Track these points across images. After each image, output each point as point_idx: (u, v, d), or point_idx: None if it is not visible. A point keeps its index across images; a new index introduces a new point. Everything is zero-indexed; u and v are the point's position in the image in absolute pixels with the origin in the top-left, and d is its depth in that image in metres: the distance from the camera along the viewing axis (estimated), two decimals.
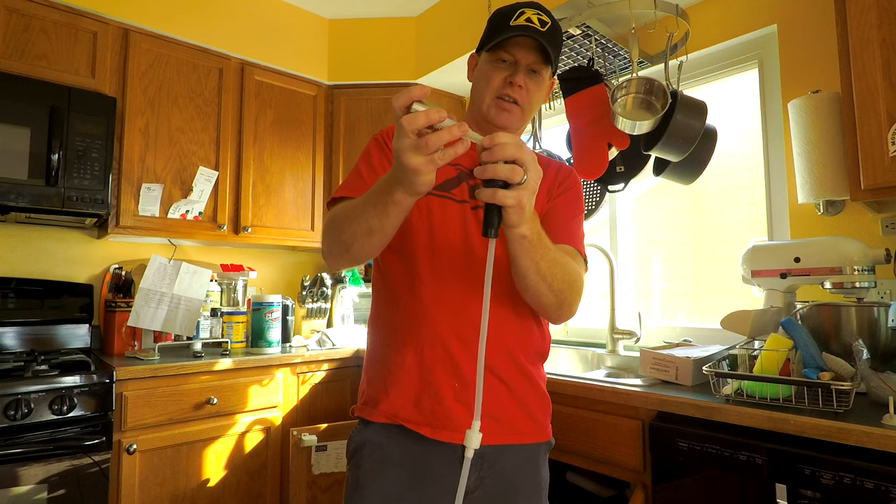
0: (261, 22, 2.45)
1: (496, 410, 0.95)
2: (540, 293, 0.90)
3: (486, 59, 1.03)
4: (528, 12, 0.99)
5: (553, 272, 0.88)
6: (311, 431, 1.96)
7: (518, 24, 0.97)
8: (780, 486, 1.03)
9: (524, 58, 1.00)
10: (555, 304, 0.93)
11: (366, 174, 1.01)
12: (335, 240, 0.91)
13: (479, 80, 1.05)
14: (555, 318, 1.00)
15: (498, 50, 1.00)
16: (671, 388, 1.32)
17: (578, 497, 1.55)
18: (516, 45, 0.99)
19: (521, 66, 1.00)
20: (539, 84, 1.03)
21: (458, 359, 0.94)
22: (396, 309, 0.99)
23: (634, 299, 2.19)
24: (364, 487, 0.95)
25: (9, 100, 1.74)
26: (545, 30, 0.98)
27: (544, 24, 0.98)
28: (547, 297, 0.91)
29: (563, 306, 0.95)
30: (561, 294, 0.92)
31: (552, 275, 0.88)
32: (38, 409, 1.54)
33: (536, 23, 0.97)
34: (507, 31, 0.98)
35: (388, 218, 0.82)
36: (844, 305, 1.28)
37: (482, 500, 0.96)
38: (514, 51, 1.00)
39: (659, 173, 1.85)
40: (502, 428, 0.96)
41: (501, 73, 1.01)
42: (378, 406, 0.96)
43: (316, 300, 2.55)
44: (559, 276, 0.89)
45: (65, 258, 2.19)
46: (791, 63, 1.70)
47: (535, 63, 1.00)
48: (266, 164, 2.42)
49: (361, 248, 0.88)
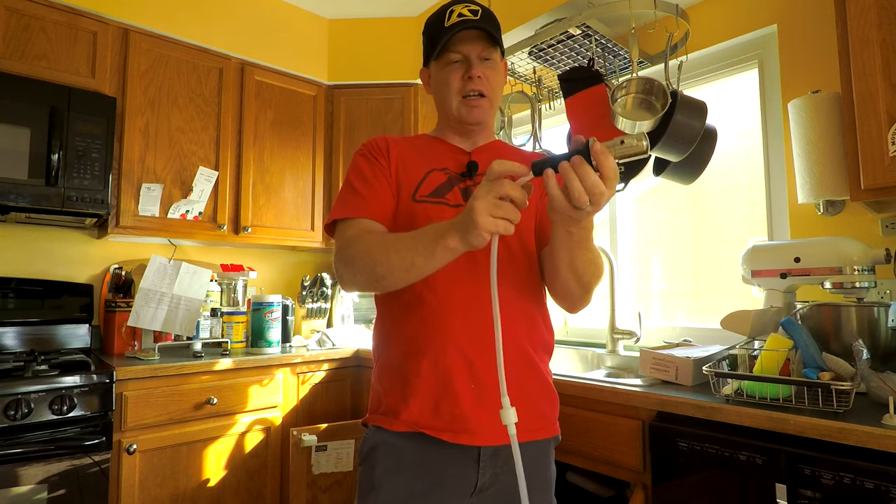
0: (261, 22, 2.45)
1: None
2: (569, 283, 0.97)
3: (437, 66, 1.08)
4: (456, 8, 1.04)
5: (585, 267, 0.93)
6: (311, 431, 1.96)
7: (453, 22, 1.02)
8: (780, 487, 1.03)
9: (471, 50, 1.04)
10: (579, 294, 1.00)
11: (363, 190, 1.02)
12: (364, 270, 0.91)
13: (439, 88, 1.09)
14: (576, 305, 1.04)
15: (445, 53, 1.05)
16: (671, 388, 1.32)
17: (578, 497, 1.55)
18: (460, 42, 1.04)
19: (473, 58, 1.04)
20: (495, 68, 1.07)
21: (473, 360, 0.95)
22: (406, 318, 1.00)
23: (634, 299, 2.19)
24: (380, 488, 0.95)
25: (9, 100, 1.74)
26: (478, 17, 1.03)
27: (475, 12, 1.04)
28: (574, 288, 0.98)
29: (585, 297, 1.01)
30: (588, 286, 0.98)
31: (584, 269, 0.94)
32: (38, 409, 1.54)
33: (468, 14, 1.03)
34: (445, 32, 1.02)
35: (432, 259, 0.84)
36: (844, 305, 1.28)
37: (497, 496, 0.98)
38: (459, 48, 1.04)
39: (659, 173, 1.85)
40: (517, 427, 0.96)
41: (457, 73, 1.05)
42: (399, 416, 0.97)
43: (316, 300, 2.55)
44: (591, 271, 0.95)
45: (65, 258, 2.19)
46: (791, 63, 1.70)
47: (483, 50, 1.05)
48: (266, 163, 2.42)
49: (394, 281, 0.89)
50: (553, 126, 2.49)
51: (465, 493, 0.96)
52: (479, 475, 0.96)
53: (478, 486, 0.96)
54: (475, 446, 0.95)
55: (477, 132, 1.11)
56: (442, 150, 1.10)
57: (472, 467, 0.95)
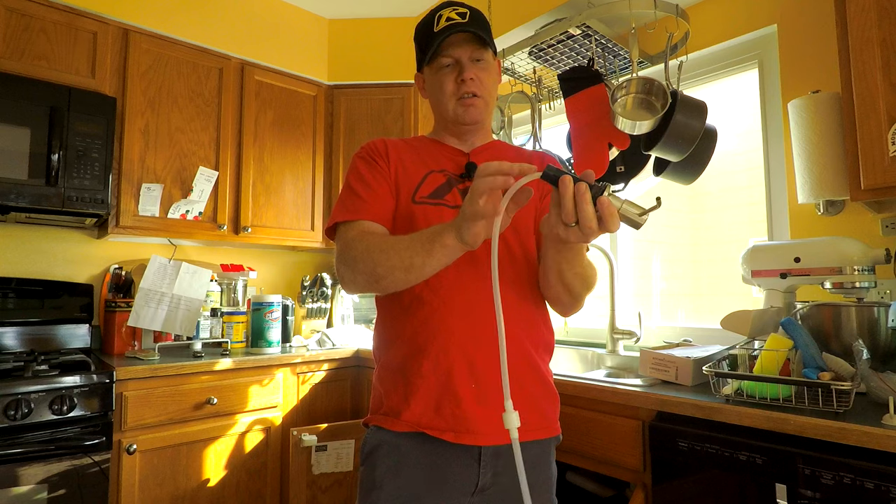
0: (261, 22, 2.45)
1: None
2: (560, 292, 0.99)
3: (431, 71, 1.09)
4: (444, 13, 1.05)
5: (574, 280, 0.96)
6: (311, 431, 1.96)
7: (441, 27, 1.03)
8: (780, 486, 1.03)
9: (463, 53, 1.05)
10: (569, 303, 1.02)
11: (363, 193, 1.02)
12: (364, 270, 0.92)
13: (434, 92, 1.10)
14: (569, 312, 1.07)
15: (437, 58, 1.06)
16: (671, 388, 1.32)
17: (578, 497, 1.55)
18: (450, 46, 1.05)
19: (465, 61, 1.05)
20: (487, 69, 1.08)
21: (474, 360, 0.96)
22: (407, 319, 1.00)
23: (634, 299, 2.19)
24: (381, 488, 0.95)
25: (9, 100, 1.74)
26: (466, 19, 1.04)
27: (464, 14, 1.05)
28: (565, 297, 1.00)
29: (576, 304, 1.03)
30: (579, 297, 1.01)
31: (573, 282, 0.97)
32: (38, 409, 1.54)
33: (457, 17, 1.04)
34: (435, 38, 1.04)
35: (430, 258, 0.85)
36: (844, 305, 1.28)
37: (497, 496, 0.98)
38: (450, 52, 1.05)
39: (659, 173, 1.85)
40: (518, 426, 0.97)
41: (451, 76, 1.06)
42: (400, 416, 0.97)
43: (316, 300, 2.55)
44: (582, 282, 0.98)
45: (65, 258, 2.19)
46: (791, 63, 1.70)
47: (473, 52, 1.05)
48: (266, 163, 2.42)
49: (394, 281, 0.90)
50: (553, 126, 2.49)
51: (467, 493, 0.96)
52: (480, 475, 0.96)
53: (479, 485, 0.96)
54: (476, 446, 0.95)
55: (474, 132, 1.11)
56: (440, 152, 1.10)
57: (474, 467, 0.96)
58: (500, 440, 0.95)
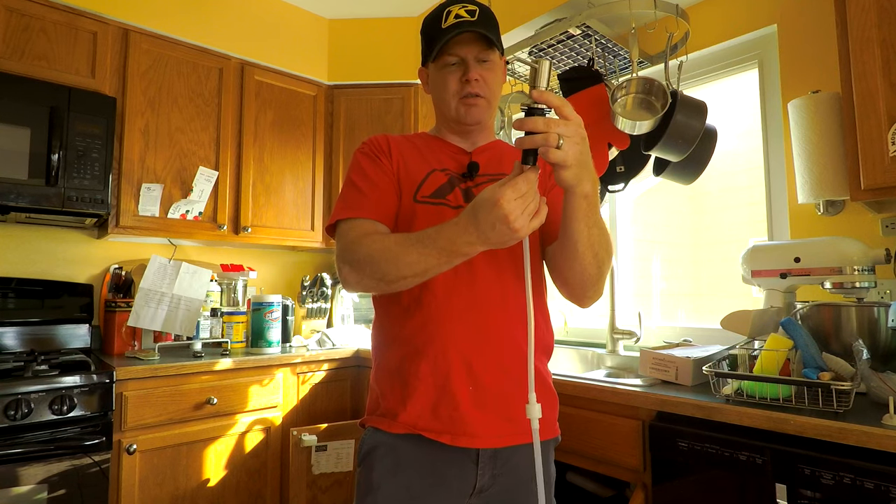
0: (261, 22, 2.45)
1: (511, 412, 0.96)
2: (586, 263, 0.92)
3: (436, 67, 1.07)
4: (454, 9, 1.02)
5: (601, 241, 0.91)
6: (311, 431, 1.96)
7: (449, 24, 1.01)
8: (780, 486, 1.03)
9: (469, 52, 1.03)
10: (595, 277, 0.95)
11: (365, 188, 1.01)
12: (373, 275, 0.91)
13: (437, 89, 1.08)
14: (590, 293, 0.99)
15: (442, 55, 1.04)
16: (671, 388, 1.32)
17: (578, 497, 1.55)
18: (457, 44, 1.02)
19: (470, 61, 1.03)
20: (493, 70, 1.06)
21: (472, 363, 0.95)
22: (405, 320, 0.99)
23: (634, 299, 2.19)
24: (378, 489, 0.95)
25: (9, 100, 1.74)
26: (476, 18, 1.01)
27: (473, 13, 1.02)
28: (591, 268, 0.93)
29: (600, 280, 0.96)
30: (602, 266, 0.94)
31: (599, 243, 0.91)
32: (38, 409, 1.54)
33: (465, 15, 1.01)
34: (442, 35, 1.01)
35: (449, 266, 0.86)
36: (844, 305, 1.28)
37: (497, 497, 0.98)
38: (456, 50, 1.03)
39: (659, 173, 1.85)
40: (515, 429, 0.96)
41: (455, 75, 1.04)
42: (397, 418, 0.96)
43: (316, 300, 2.55)
44: (604, 246, 0.92)
45: (65, 258, 2.19)
46: (791, 63, 1.70)
47: (480, 52, 1.03)
48: (266, 163, 2.42)
49: (405, 284, 0.90)
50: None
51: (464, 495, 0.96)
52: (477, 476, 0.96)
53: (476, 487, 0.96)
54: (474, 448, 0.95)
55: (476, 132, 1.11)
56: (442, 150, 1.10)
57: (471, 469, 0.95)
58: (498, 443, 0.95)
